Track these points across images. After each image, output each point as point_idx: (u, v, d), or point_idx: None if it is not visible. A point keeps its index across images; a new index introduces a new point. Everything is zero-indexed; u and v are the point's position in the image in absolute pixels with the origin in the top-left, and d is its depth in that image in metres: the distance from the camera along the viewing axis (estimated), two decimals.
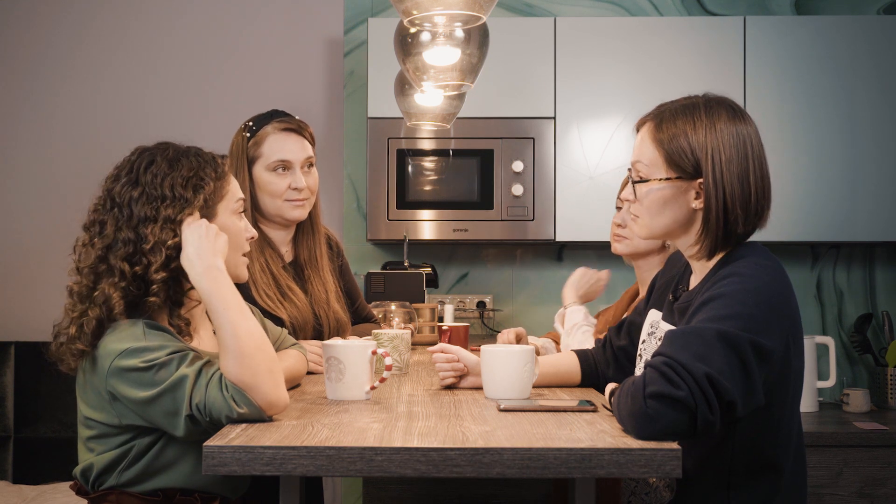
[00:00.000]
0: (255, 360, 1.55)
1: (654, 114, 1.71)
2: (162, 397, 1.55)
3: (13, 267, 3.75)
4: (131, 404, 1.59)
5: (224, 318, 1.58)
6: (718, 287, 1.56)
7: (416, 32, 2.05)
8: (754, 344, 1.47)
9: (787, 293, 1.59)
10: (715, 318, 1.49)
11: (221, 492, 1.73)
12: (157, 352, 1.58)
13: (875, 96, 3.37)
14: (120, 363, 1.57)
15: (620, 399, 1.46)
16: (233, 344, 1.55)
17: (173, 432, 1.59)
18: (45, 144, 3.79)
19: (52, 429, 3.47)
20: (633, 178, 1.72)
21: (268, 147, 2.30)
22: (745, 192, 1.62)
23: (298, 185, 2.31)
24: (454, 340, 2.60)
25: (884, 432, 3.04)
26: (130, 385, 1.57)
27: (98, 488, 1.68)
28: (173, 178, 1.69)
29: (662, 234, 1.71)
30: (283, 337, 2.07)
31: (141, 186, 1.69)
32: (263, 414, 1.53)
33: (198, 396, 1.53)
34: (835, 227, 3.37)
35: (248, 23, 3.83)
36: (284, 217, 2.34)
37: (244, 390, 1.52)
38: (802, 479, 1.69)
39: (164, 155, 1.72)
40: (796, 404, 1.66)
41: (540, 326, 3.67)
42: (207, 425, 1.54)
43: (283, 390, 1.57)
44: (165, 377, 1.55)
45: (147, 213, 1.66)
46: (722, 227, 1.62)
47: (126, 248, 1.65)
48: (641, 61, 3.41)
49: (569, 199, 3.40)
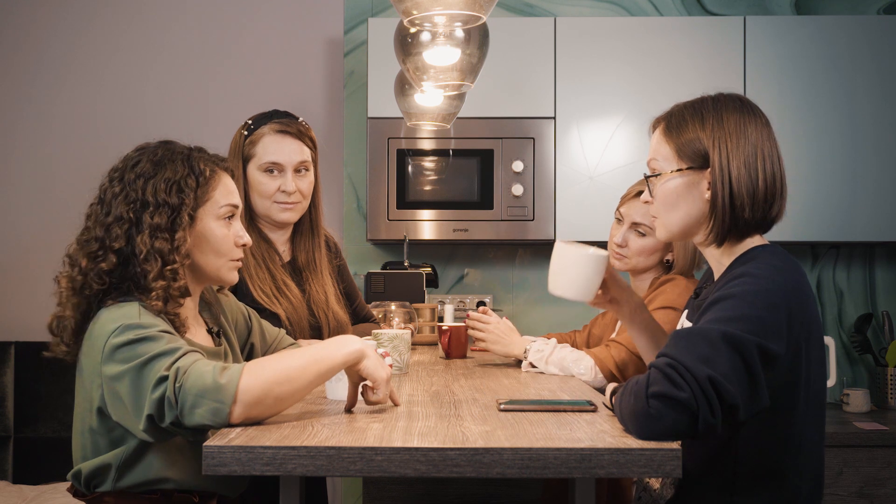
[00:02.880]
0: (275, 394, 1.49)
1: (667, 113, 1.75)
2: (139, 370, 1.51)
3: (13, 267, 3.75)
4: (110, 383, 1.56)
5: (306, 358, 1.54)
6: (729, 287, 1.55)
7: (416, 32, 2.05)
8: (760, 347, 1.47)
9: (802, 298, 1.58)
10: (722, 320, 1.49)
11: (220, 490, 1.73)
12: (150, 328, 1.56)
13: (875, 96, 3.37)
14: (114, 341, 1.55)
15: (623, 398, 1.46)
16: (284, 373, 1.51)
17: (134, 423, 1.54)
18: (44, 144, 3.79)
19: (52, 429, 3.47)
20: (649, 174, 1.75)
21: (261, 147, 2.31)
22: (751, 179, 1.63)
23: (287, 189, 2.30)
24: (454, 340, 2.60)
25: (884, 432, 3.04)
26: (116, 363, 1.55)
27: (94, 490, 1.67)
28: (155, 182, 1.68)
29: (680, 230, 1.71)
30: (281, 337, 2.07)
31: (122, 185, 1.69)
32: (220, 415, 1.46)
33: (181, 369, 1.49)
34: (835, 227, 3.37)
35: (248, 23, 3.83)
36: (273, 219, 2.34)
37: (236, 393, 1.46)
38: (815, 495, 1.66)
39: (151, 156, 1.71)
40: (810, 414, 1.63)
41: (540, 326, 3.67)
42: (170, 414, 1.48)
43: (245, 416, 1.49)
44: (148, 350, 1.53)
45: (122, 213, 1.66)
46: (728, 212, 1.63)
47: (92, 245, 1.66)
48: (641, 61, 3.41)
49: (569, 199, 3.40)
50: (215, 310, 1.89)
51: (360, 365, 1.59)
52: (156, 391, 1.49)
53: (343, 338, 1.61)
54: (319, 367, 1.54)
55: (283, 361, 1.53)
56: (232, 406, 1.45)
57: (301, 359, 1.53)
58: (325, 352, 1.56)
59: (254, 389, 1.47)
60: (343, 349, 1.57)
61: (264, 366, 1.51)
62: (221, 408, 1.45)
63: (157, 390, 1.49)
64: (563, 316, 3.70)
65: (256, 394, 1.47)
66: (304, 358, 1.54)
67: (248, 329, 1.99)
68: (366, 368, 1.59)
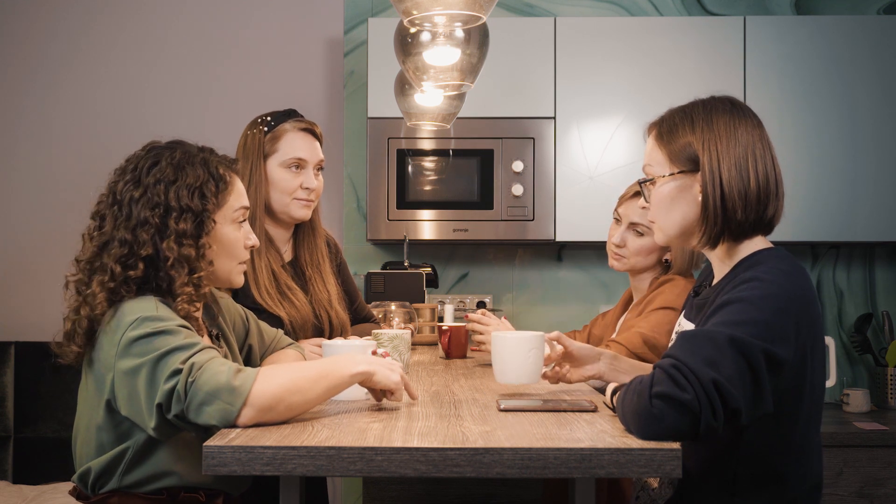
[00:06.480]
0: (287, 402, 1.50)
1: (659, 118, 1.76)
2: (155, 364, 1.52)
3: (13, 267, 3.75)
4: (123, 378, 1.56)
5: (316, 371, 1.56)
6: (737, 291, 1.55)
7: (416, 32, 2.05)
8: (766, 352, 1.47)
9: (808, 303, 1.58)
10: (729, 323, 1.49)
11: (223, 488, 1.73)
12: (167, 322, 1.58)
13: (875, 96, 3.37)
14: (130, 334, 1.56)
15: (626, 396, 1.46)
16: (295, 383, 1.52)
17: (146, 418, 1.55)
18: (45, 144, 3.79)
19: (52, 429, 3.47)
20: (644, 179, 1.76)
21: (286, 143, 2.32)
22: (743, 181, 1.63)
23: (310, 185, 2.33)
24: (454, 340, 2.60)
25: (884, 432, 3.04)
26: (132, 357, 1.55)
27: (99, 491, 1.67)
28: (178, 187, 1.68)
29: (676, 233, 1.72)
30: (279, 338, 2.06)
31: (142, 188, 1.68)
32: (228, 417, 1.47)
33: (196, 364, 1.50)
34: (835, 227, 3.37)
35: (248, 23, 3.83)
36: (291, 215, 2.34)
37: (248, 397, 1.47)
38: (814, 496, 1.66)
39: (169, 159, 1.71)
40: (813, 422, 1.64)
41: (540, 326, 3.67)
42: (177, 406, 1.49)
43: (253, 421, 1.50)
44: (165, 344, 1.54)
45: (147, 217, 1.66)
46: (720, 213, 1.64)
47: (121, 248, 1.66)
48: (641, 61, 3.41)
49: (569, 199, 3.40)
50: (214, 312, 1.89)
51: (370, 382, 1.63)
52: (168, 383, 1.50)
53: (351, 357, 1.63)
54: (328, 382, 1.56)
55: (295, 371, 1.55)
56: (241, 409, 1.47)
57: (312, 371, 1.55)
58: (334, 368, 1.58)
59: (266, 395, 1.48)
60: (351, 369, 1.59)
61: (277, 373, 1.52)
62: (231, 409, 1.46)
63: (170, 382, 1.50)
64: (562, 316, 3.70)
65: (268, 400, 1.48)
66: (315, 370, 1.56)
67: (245, 330, 1.99)
68: (378, 383, 1.63)
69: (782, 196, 1.68)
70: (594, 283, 3.72)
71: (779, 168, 1.68)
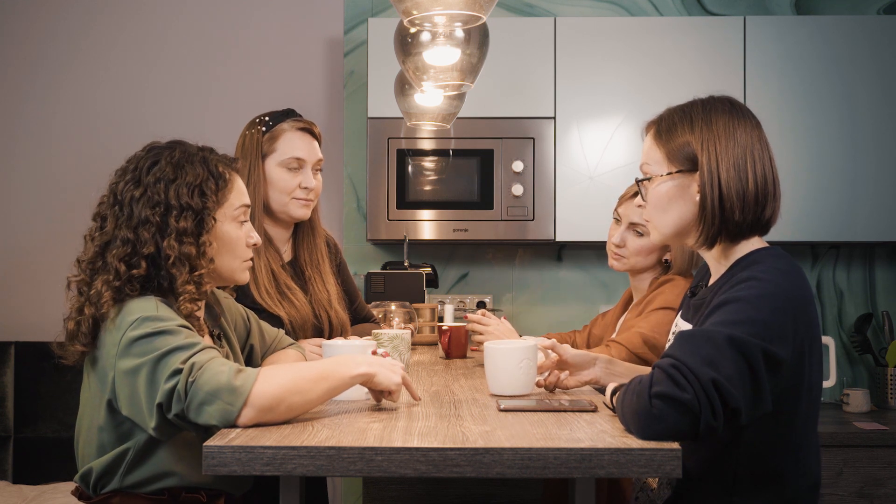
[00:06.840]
0: (287, 403, 1.51)
1: (658, 117, 1.75)
2: (156, 364, 1.53)
3: (13, 267, 3.75)
4: (124, 377, 1.56)
5: (317, 372, 1.56)
6: (735, 290, 1.55)
7: (416, 32, 2.05)
8: (765, 352, 1.47)
9: (806, 302, 1.58)
10: (728, 323, 1.49)
11: (224, 488, 1.74)
12: (168, 321, 1.58)
13: (875, 96, 3.37)
14: (131, 334, 1.57)
15: (626, 396, 1.46)
16: (296, 384, 1.52)
17: (146, 417, 1.55)
18: (45, 144, 3.79)
19: (52, 429, 3.46)
20: (641, 178, 1.75)
21: (284, 143, 2.32)
22: (741, 181, 1.63)
23: (308, 185, 2.33)
24: (454, 340, 2.60)
25: (884, 432, 3.04)
26: (133, 356, 1.55)
27: (100, 492, 1.67)
28: (178, 185, 1.69)
29: (673, 232, 1.72)
30: (280, 337, 2.07)
31: (143, 187, 1.69)
32: (229, 417, 1.47)
33: (196, 364, 1.50)
34: (835, 227, 3.37)
35: (248, 23, 3.83)
36: (290, 214, 2.35)
37: (249, 397, 1.47)
38: (813, 496, 1.66)
39: (169, 158, 1.72)
40: (811, 421, 1.64)
41: (540, 326, 3.67)
42: (177, 406, 1.49)
43: (254, 421, 1.50)
44: (166, 344, 1.54)
45: (147, 215, 1.67)
46: (718, 214, 1.64)
47: (124, 247, 1.66)
48: (641, 61, 3.41)
49: (569, 199, 3.40)
50: (216, 312, 1.90)
51: (371, 383, 1.63)
52: (169, 382, 1.51)
53: (353, 358, 1.63)
54: (329, 383, 1.56)
55: (296, 372, 1.55)
56: (242, 409, 1.47)
57: (313, 371, 1.56)
58: (335, 369, 1.58)
59: (266, 395, 1.48)
60: (353, 370, 1.60)
61: (278, 374, 1.53)
62: (231, 409, 1.47)
63: (171, 382, 1.50)
64: (562, 316, 3.70)
65: (268, 400, 1.48)
66: (316, 371, 1.56)
67: (247, 330, 1.99)
68: (380, 384, 1.63)
69: (779, 197, 1.68)
70: (594, 283, 3.72)
71: (776, 169, 1.68)
